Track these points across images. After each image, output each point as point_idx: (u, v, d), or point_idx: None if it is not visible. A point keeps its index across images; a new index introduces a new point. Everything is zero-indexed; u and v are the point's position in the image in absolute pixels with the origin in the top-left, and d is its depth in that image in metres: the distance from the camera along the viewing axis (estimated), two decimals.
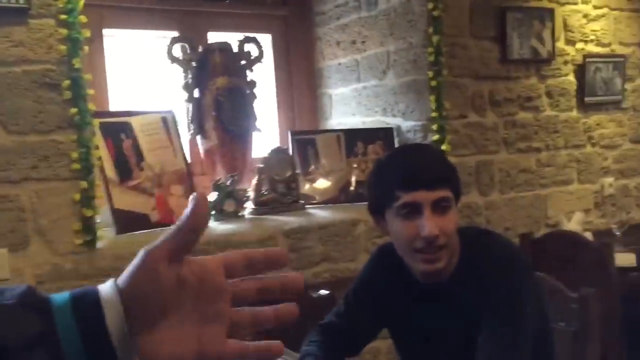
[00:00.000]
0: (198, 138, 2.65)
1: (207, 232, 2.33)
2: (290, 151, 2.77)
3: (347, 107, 3.09)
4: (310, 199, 2.77)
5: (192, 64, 2.59)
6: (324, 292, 1.89)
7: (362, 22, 2.98)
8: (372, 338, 1.60)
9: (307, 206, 2.72)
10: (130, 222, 2.19)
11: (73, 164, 2.01)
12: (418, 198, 1.34)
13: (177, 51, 2.59)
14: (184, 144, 2.54)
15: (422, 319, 1.45)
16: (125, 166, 2.25)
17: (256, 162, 2.67)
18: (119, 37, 2.72)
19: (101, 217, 2.11)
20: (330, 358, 1.48)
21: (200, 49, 2.63)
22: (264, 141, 2.85)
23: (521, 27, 2.95)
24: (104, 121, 2.23)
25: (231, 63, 2.63)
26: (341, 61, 3.10)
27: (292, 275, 0.57)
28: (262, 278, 0.56)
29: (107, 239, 2.12)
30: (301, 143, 2.84)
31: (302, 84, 3.20)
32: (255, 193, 2.59)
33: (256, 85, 2.72)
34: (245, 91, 2.67)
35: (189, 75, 2.59)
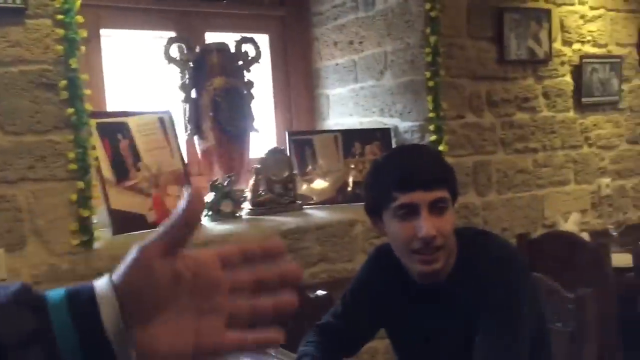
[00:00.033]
0: (195, 138, 2.65)
1: (205, 233, 2.32)
2: (287, 152, 2.77)
3: (345, 108, 3.09)
4: (307, 200, 2.77)
5: (190, 65, 2.59)
6: (322, 293, 1.89)
7: (360, 23, 2.98)
8: (370, 338, 1.60)
9: (305, 207, 2.71)
10: (127, 223, 2.19)
11: (70, 164, 2.01)
12: (415, 199, 1.34)
13: (175, 51, 2.58)
14: (181, 145, 2.53)
15: (420, 320, 1.45)
16: (122, 166, 2.25)
17: (253, 163, 2.67)
18: (116, 37, 2.71)
19: (98, 218, 2.10)
20: (327, 358, 1.48)
21: (197, 50, 2.62)
22: (262, 141, 2.85)
23: (518, 28, 2.95)
24: (101, 121, 2.23)
25: (228, 63, 2.63)
26: (338, 61, 3.10)
27: (291, 266, 0.57)
28: (260, 270, 0.56)
29: (104, 240, 2.11)
30: (298, 143, 2.84)
31: (300, 85, 3.19)
32: (252, 193, 2.59)
33: (253, 85, 2.72)
34: (242, 92, 2.67)
35: (186, 75, 2.59)
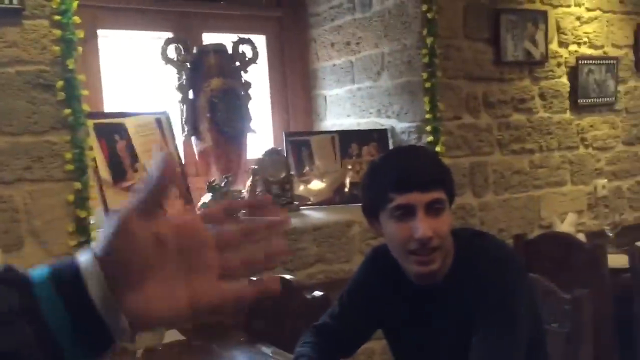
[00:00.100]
0: (192, 139, 2.65)
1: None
2: (284, 152, 2.77)
3: (342, 109, 3.10)
4: (304, 200, 2.77)
5: (187, 65, 2.59)
6: (318, 294, 1.89)
7: (357, 24, 2.98)
8: (367, 339, 1.60)
9: (302, 207, 2.72)
10: None
11: (67, 165, 2.00)
12: (411, 200, 1.34)
13: (172, 52, 2.58)
14: (178, 145, 2.53)
15: (417, 320, 1.45)
16: (119, 167, 2.25)
17: (250, 164, 2.67)
18: (113, 38, 2.71)
19: (95, 219, 2.10)
20: (324, 359, 1.48)
21: (194, 50, 2.62)
22: (259, 142, 2.85)
23: (515, 29, 2.96)
24: (98, 122, 2.23)
25: (225, 64, 2.63)
26: (335, 62, 3.11)
27: (279, 216, 0.57)
28: (246, 222, 0.56)
29: None
30: (295, 144, 2.84)
31: (297, 85, 3.20)
32: (249, 194, 2.59)
33: (251, 86, 2.72)
34: (239, 92, 2.67)
35: (183, 76, 2.59)
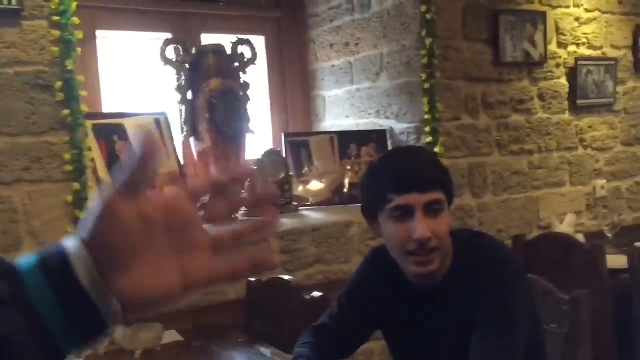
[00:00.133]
0: (191, 140, 2.65)
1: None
2: (283, 153, 2.77)
3: (341, 109, 3.10)
4: (303, 201, 2.77)
5: (186, 66, 2.58)
6: (317, 294, 1.88)
7: (356, 25, 2.99)
8: (366, 340, 1.60)
9: (301, 208, 2.72)
10: None
11: (66, 166, 2.00)
12: (410, 201, 1.34)
13: (171, 53, 2.58)
14: (177, 146, 2.53)
15: (416, 321, 1.45)
16: None
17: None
18: (112, 39, 2.71)
19: None
20: None
21: (193, 51, 2.62)
22: (258, 143, 2.85)
23: (514, 30, 2.96)
24: (97, 123, 2.23)
25: (224, 65, 2.63)
26: (334, 63, 3.11)
27: (266, 185, 0.56)
28: (234, 195, 0.56)
29: None
30: (294, 145, 2.84)
31: (296, 86, 3.20)
32: (249, 195, 2.59)
33: (249, 87, 2.71)
34: (238, 93, 2.66)
35: (182, 77, 2.59)
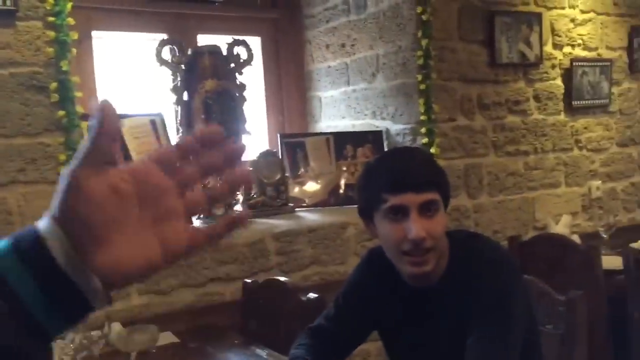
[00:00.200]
0: None
1: None
2: (279, 154, 2.77)
3: (337, 110, 3.10)
4: (299, 202, 2.77)
5: (181, 67, 2.58)
6: (313, 296, 1.88)
7: (352, 26, 2.99)
8: (362, 341, 1.60)
9: (297, 209, 2.71)
10: None
11: (61, 167, 2.00)
12: (405, 201, 1.34)
13: (166, 54, 2.58)
14: None
15: (412, 322, 1.45)
16: None
17: (245, 165, 2.67)
18: (108, 39, 2.71)
19: None
20: None
21: (189, 52, 2.62)
22: (254, 144, 2.85)
23: (509, 31, 2.97)
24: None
25: (220, 66, 2.63)
26: (330, 64, 3.11)
27: (232, 144, 0.55)
28: (201, 158, 0.55)
29: None
30: (290, 146, 2.84)
31: (292, 87, 3.20)
32: (244, 196, 2.59)
33: (245, 88, 2.71)
34: (234, 94, 2.66)
35: (178, 78, 2.58)
